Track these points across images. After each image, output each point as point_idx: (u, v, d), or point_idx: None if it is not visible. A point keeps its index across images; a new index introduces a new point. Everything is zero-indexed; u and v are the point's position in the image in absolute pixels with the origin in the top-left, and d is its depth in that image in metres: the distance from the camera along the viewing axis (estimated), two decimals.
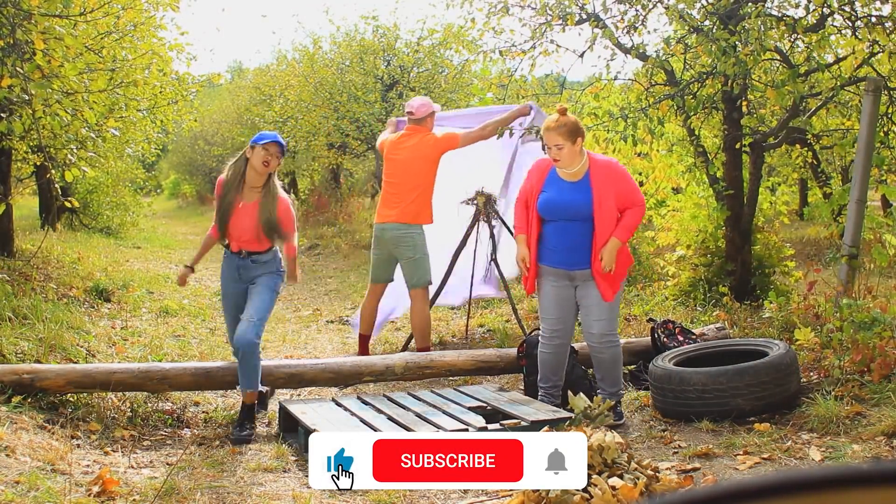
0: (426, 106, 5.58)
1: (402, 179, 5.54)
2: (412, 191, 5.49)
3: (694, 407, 4.18)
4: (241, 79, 23.97)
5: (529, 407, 4.25)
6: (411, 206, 5.48)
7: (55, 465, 3.50)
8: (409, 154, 5.54)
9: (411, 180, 5.49)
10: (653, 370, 4.46)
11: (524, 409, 4.18)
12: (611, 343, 4.32)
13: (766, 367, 4.16)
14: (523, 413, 4.11)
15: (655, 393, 4.42)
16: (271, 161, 4.24)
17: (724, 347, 4.77)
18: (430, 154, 5.51)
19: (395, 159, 5.61)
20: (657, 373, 4.40)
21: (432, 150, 5.51)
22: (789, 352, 4.33)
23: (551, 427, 3.84)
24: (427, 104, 5.60)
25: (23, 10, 4.63)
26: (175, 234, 17.27)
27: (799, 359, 4.71)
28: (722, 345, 4.84)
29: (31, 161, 8.72)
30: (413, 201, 5.47)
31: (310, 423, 3.88)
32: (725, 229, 6.59)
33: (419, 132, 5.56)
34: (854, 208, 5.23)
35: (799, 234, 11.46)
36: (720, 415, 4.14)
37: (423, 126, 5.57)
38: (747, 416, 4.13)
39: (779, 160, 12.18)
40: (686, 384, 4.21)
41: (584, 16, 6.14)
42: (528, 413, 4.11)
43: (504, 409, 4.21)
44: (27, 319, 5.47)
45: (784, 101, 5.55)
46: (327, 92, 14.29)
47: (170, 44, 7.27)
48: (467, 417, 4.04)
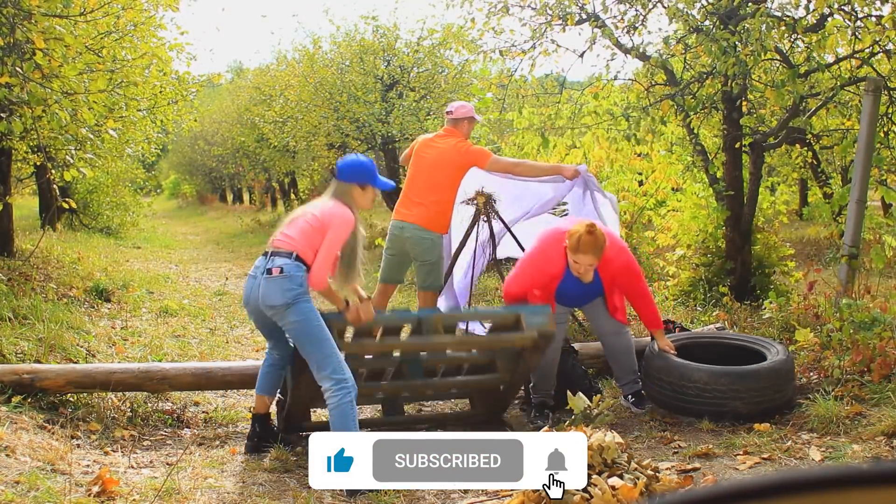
0: (465, 108, 5.39)
1: (426, 179, 5.28)
2: (433, 193, 5.23)
3: (693, 404, 4.17)
4: (241, 79, 23.97)
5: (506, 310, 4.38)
6: (432, 210, 5.21)
7: (55, 465, 3.50)
8: (437, 155, 5.29)
9: (434, 181, 5.23)
10: (650, 358, 4.43)
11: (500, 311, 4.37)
12: (621, 332, 4.51)
13: (768, 373, 4.14)
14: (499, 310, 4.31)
15: (651, 382, 4.40)
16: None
17: (717, 339, 4.74)
18: (457, 161, 5.26)
19: (423, 156, 5.36)
20: (657, 363, 4.37)
21: (461, 158, 5.26)
22: (789, 357, 4.31)
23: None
24: (467, 108, 5.41)
25: (23, 9, 4.63)
26: (175, 234, 17.28)
27: (799, 359, 4.71)
28: (715, 336, 4.82)
29: (31, 161, 8.73)
30: (434, 203, 5.21)
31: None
32: (725, 229, 6.59)
33: (454, 135, 5.34)
34: (854, 208, 5.23)
35: (799, 234, 11.46)
36: (716, 415, 4.13)
37: (458, 129, 5.35)
38: (742, 419, 4.12)
39: (779, 160, 12.18)
40: (686, 380, 4.19)
41: (584, 16, 6.15)
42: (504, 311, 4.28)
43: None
44: (27, 319, 5.47)
45: (784, 101, 5.55)
46: (327, 92, 14.29)
47: (170, 44, 7.27)
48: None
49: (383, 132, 13.89)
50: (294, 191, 21.29)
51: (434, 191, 5.21)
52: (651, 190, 8.20)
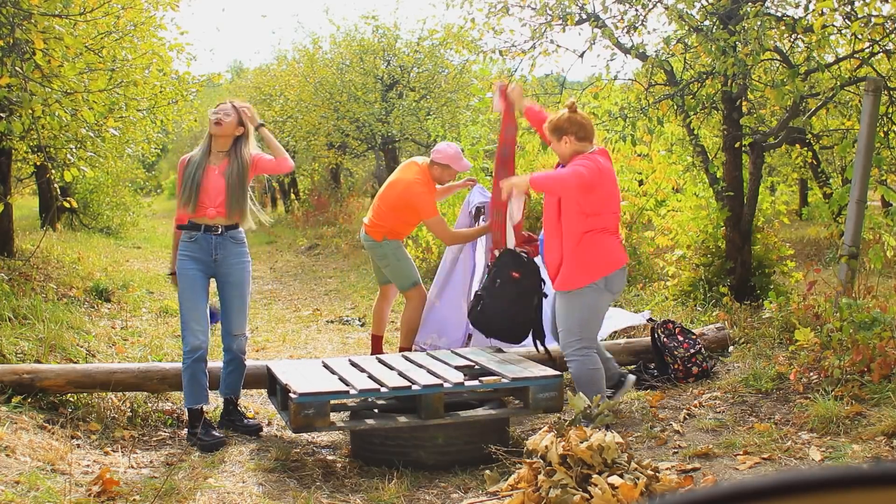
0: (439, 153, 5.26)
1: (380, 195, 5.42)
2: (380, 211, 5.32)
3: (376, 453, 3.84)
4: (241, 79, 23.97)
5: (518, 366, 4.05)
6: (371, 220, 5.33)
7: (55, 465, 3.50)
8: (393, 177, 5.42)
9: (382, 203, 5.32)
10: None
11: (511, 368, 4.00)
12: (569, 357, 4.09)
13: (457, 424, 3.79)
14: (508, 371, 3.94)
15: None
16: (222, 119, 4.21)
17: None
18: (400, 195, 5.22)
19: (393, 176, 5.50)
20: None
21: (402, 196, 5.21)
22: (499, 410, 3.95)
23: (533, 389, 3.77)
24: (441, 153, 5.26)
25: (22, 9, 4.63)
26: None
27: (799, 359, 4.70)
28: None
29: (31, 161, 8.72)
30: (374, 216, 5.31)
31: (285, 381, 3.82)
32: (725, 229, 6.59)
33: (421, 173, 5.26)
34: (854, 208, 5.23)
35: (799, 234, 11.46)
36: (403, 464, 3.75)
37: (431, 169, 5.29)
38: (428, 468, 3.76)
39: (779, 160, 12.18)
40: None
41: (584, 16, 6.15)
42: (514, 371, 3.94)
43: (492, 367, 4.03)
44: (27, 319, 5.47)
45: (784, 101, 5.54)
46: (327, 92, 14.30)
47: (170, 44, 7.27)
48: (447, 374, 3.90)
49: (383, 132, 13.89)
50: (294, 191, 21.28)
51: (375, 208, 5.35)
52: (651, 190, 8.20)
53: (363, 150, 15.79)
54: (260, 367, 4.58)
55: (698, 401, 4.55)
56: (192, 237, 4.22)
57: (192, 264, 4.20)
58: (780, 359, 4.86)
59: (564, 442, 3.01)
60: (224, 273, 4.27)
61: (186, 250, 4.22)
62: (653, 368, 5.12)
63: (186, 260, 4.21)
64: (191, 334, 4.15)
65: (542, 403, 3.84)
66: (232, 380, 4.37)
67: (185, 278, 4.20)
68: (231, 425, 4.32)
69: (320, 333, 7.08)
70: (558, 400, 3.87)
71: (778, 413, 4.22)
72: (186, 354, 4.14)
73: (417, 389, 3.74)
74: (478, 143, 8.96)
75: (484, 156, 8.87)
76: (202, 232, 4.21)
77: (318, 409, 3.60)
